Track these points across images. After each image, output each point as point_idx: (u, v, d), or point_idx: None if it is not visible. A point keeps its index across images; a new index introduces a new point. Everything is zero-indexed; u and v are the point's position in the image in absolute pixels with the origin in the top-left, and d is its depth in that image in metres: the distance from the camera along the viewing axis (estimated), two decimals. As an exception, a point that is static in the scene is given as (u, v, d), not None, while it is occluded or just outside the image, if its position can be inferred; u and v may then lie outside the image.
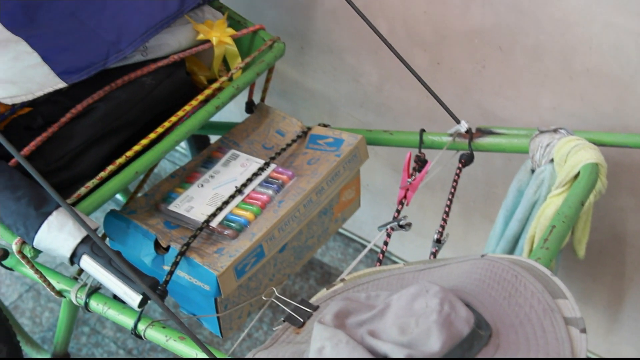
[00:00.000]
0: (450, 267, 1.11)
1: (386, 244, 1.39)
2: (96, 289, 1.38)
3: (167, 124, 1.45)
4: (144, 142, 1.41)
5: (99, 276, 1.20)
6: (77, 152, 1.39)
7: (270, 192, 1.46)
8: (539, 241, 1.23)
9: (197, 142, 2.17)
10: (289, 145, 1.58)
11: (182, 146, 2.52)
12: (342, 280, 1.19)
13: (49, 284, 1.40)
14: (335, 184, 1.51)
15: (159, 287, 1.23)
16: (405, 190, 1.46)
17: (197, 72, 1.65)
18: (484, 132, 1.54)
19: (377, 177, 2.12)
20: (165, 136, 1.44)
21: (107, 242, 1.46)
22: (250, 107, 1.72)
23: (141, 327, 1.29)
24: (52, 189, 1.17)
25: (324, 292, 1.18)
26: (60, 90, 1.36)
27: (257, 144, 1.62)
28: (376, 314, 0.96)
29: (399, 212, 1.45)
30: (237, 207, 1.43)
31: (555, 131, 1.44)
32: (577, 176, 1.36)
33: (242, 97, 1.68)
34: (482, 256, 1.08)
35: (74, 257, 1.22)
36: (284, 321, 1.13)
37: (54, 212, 1.22)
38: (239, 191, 1.46)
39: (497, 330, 0.94)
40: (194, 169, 1.55)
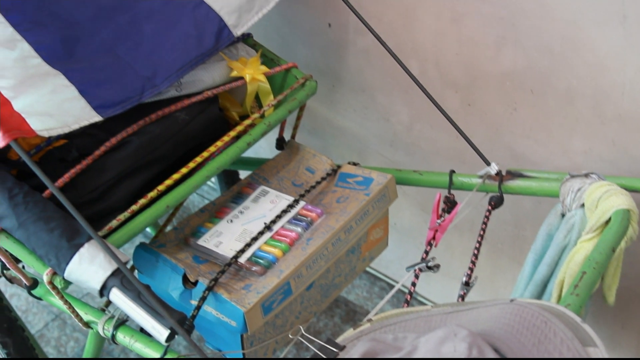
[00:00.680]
0: (478, 310, 1.10)
1: (414, 285, 1.38)
2: (123, 322, 1.38)
3: (198, 159, 1.46)
4: (176, 176, 1.42)
5: (128, 309, 1.21)
6: (110, 184, 1.41)
7: (299, 229, 1.46)
8: (569, 287, 1.22)
9: (227, 176, 2.19)
10: (318, 182, 1.59)
11: (211, 180, 2.53)
12: (369, 320, 1.18)
13: (76, 315, 1.40)
14: (363, 222, 1.51)
15: (187, 322, 1.23)
16: (434, 231, 1.46)
17: (230, 108, 1.67)
18: (514, 174, 1.53)
19: (405, 216, 2.12)
20: (196, 171, 1.45)
21: (136, 274, 1.47)
22: (280, 143, 1.73)
23: (167, 361, 1.30)
24: (84, 221, 1.19)
25: (350, 332, 1.17)
26: (95, 123, 1.38)
27: (287, 181, 1.63)
28: (403, 356, 0.95)
29: (427, 253, 1.44)
30: (266, 243, 1.44)
31: (586, 176, 1.43)
32: (608, 222, 1.35)
33: (272, 134, 1.69)
34: (511, 301, 1.07)
35: (104, 290, 1.22)
36: (310, 360, 1.13)
37: (86, 244, 1.23)
38: (268, 228, 1.47)
39: (526, 377, 0.93)
40: (224, 204, 1.56)
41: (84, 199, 1.38)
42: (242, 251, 1.41)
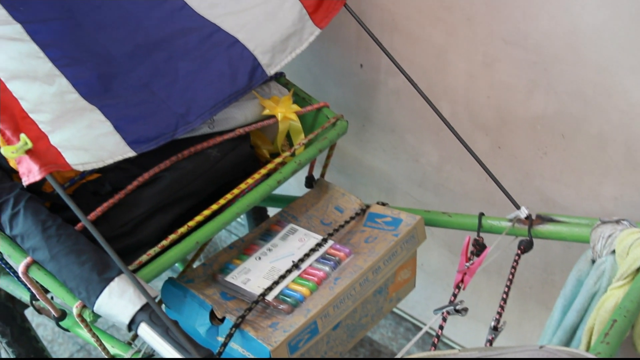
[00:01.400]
0: (506, 356, 1.09)
1: (441, 328, 1.37)
2: (150, 356, 1.39)
3: (229, 196, 1.47)
4: (206, 212, 1.43)
5: (155, 344, 1.21)
6: (141, 219, 1.42)
7: (326, 268, 1.46)
8: (599, 335, 1.20)
9: (255, 212, 2.20)
10: (347, 222, 1.59)
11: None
12: (396, 363, 1.18)
13: (103, 348, 1.41)
14: (392, 263, 1.51)
15: (213, 358, 1.23)
16: (462, 274, 1.45)
17: (261, 146, 1.68)
18: (544, 219, 1.53)
19: (433, 257, 2.11)
20: (226, 208, 1.46)
21: (163, 308, 1.48)
22: (310, 182, 1.74)
23: (192, 397, 1.30)
24: (115, 256, 1.20)
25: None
26: (128, 158, 1.39)
27: (316, 219, 1.64)
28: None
29: (455, 296, 1.43)
30: (294, 282, 1.44)
31: (617, 222, 1.42)
32: (639, 269, 1.33)
33: (302, 171, 1.70)
34: (540, 347, 1.06)
35: (132, 324, 1.23)
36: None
37: (116, 279, 1.24)
38: (296, 266, 1.47)
39: None
40: (253, 241, 1.57)
41: (115, 232, 1.39)
42: (270, 289, 1.42)
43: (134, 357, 1.38)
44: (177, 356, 1.18)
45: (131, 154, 1.36)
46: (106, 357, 1.43)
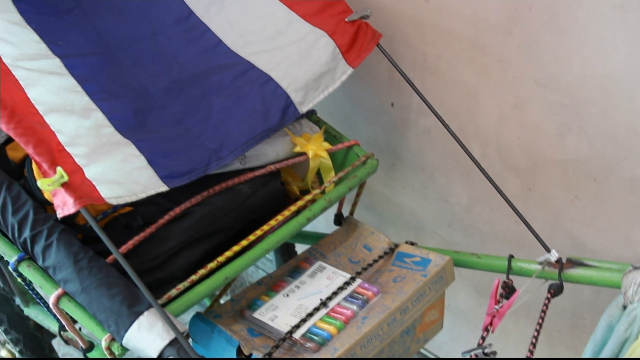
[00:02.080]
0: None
1: (469, 370, 1.36)
2: (176, 391, 1.39)
3: (259, 232, 1.48)
4: (236, 248, 1.44)
5: (183, 379, 1.21)
6: (171, 253, 1.43)
7: (354, 307, 1.46)
8: (631, 383, 1.18)
9: (283, 248, 2.20)
10: (375, 261, 1.59)
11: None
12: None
13: (130, 381, 1.41)
14: (420, 304, 1.50)
15: (239, 395, 1.23)
16: (491, 317, 1.44)
17: (291, 183, 1.69)
18: (574, 263, 1.51)
19: (460, 298, 2.10)
20: (256, 244, 1.47)
21: (191, 343, 1.48)
22: (339, 219, 1.74)
23: None
24: (146, 290, 1.21)
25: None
26: (160, 192, 1.41)
27: (344, 257, 1.64)
28: None
29: (483, 339, 1.42)
30: (321, 320, 1.44)
31: (650, 268, 1.40)
32: (672, 317, 1.31)
33: (331, 208, 1.71)
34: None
35: (160, 358, 1.23)
36: None
37: (145, 312, 1.25)
38: (324, 304, 1.47)
39: None
40: (281, 278, 1.57)
41: (145, 266, 1.40)
42: (297, 326, 1.42)
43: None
44: (204, 392, 1.18)
45: (164, 188, 1.37)
46: (132, 390, 1.44)
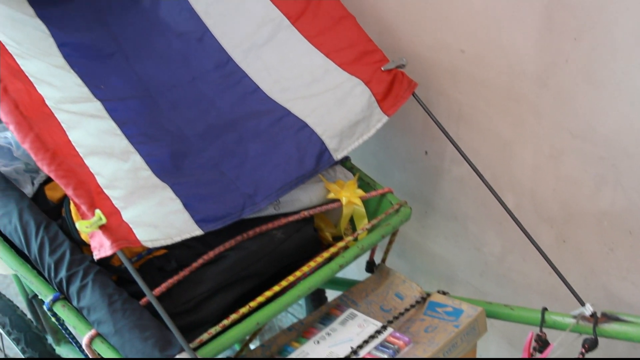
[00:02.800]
0: None
1: None
2: None
3: (291, 278, 1.48)
4: (268, 294, 1.44)
5: None
6: (204, 297, 1.44)
7: (385, 356, 1.45)
8: None
9: (314, 293, 2.19)
10: (407, 310, 1.58)
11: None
12: None
13: None
14: (451, 355, 1.49)
15: None
16: (524, 370, 1.42)
17: (324, 229, 1.69)
18: (609, 317, 1.49)
19: (491, 349, 2.07)
20: (288, 290, 1.47)
21: (219, 388, 1.48)
22: (371, 266, 1.74)
23: None
24: (179, 333, 1.21)
25: None
26: (195, 236, 1.42)
27: (376, 305, 1.63)
28: None
29: (516, 392, 1.40)
30: (352, 368, 1.43)
31: (687, 325, 1.38)
32: None
33: (363, 255, 1.71)
34: None
35: (190, 402, 1.23)
36: None
37: (177, 356, 1.25)
38: (355, 352, 1.46)
39: None
40: (312, 324, 1.57)
41: (178, 309, 1.40)
42: (328, 374, 1.41)
43: None
44: None
45: (198, 232, 1.38)
46: None
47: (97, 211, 1.24)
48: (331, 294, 1.71)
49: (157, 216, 1.35)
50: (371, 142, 1.76)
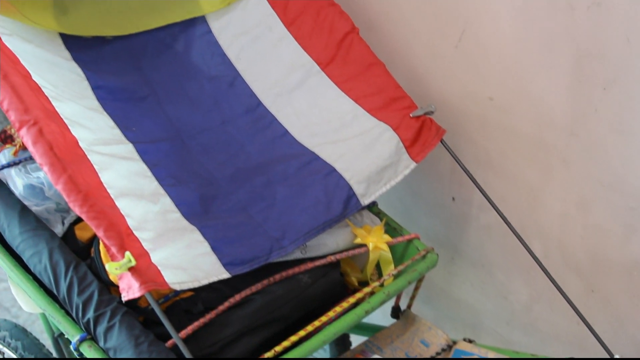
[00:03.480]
0: None
1: None
2: None
3: (317, 323, 1.47)
4: (293, 338, 1.44)
5: None
6: (230, 340, 1.43)
7: (410, 405, 1.44)
8: None
9: (338, 337, 2.18)
10: (433, 358, 1.57)
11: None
12: None
13: None
14: (477, 405, 1.47)
15: None
16: (552, 422, 1.40)
17: (350, 273, 1.69)
18: (639, 370, 1.47)
19: (517, 399, 2.04)
20: (314, 335, 1.46)
21: None
22: (396, 312, 1.73)
23: None
24: (205, 378, 1.21)
25: None
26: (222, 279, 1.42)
27: (401, 352, 1.62)
28: None
29: None
30: (376, 416, 1.42)
31: None
32: None
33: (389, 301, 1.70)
34: None
35: None
36: None
37: (202, 399, 1.25)
38: (380, 400, 1.45)
39: None
40: (336, 370, 1.56)
41: (203, 352, 1.40)
42: (352, 422, 1.40)
43: None
44: None
45: (226, 275, 1.38)
46: None
47: (127, 253, 1.25)
48: (356, 339, 1.70)
49: (185, 259, 1.36)
50: (398, 187, 1.77)
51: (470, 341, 1.62)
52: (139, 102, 1.67)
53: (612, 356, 1.49)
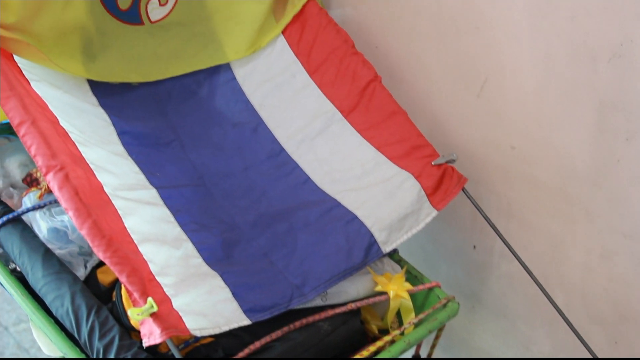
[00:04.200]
0: None
1: None
2: None
3: (337, 372, 1.47)
4: (313, 387, 1.43)
5: None
6: (249, 387, 1.43)
7: None
8: None
9: (357, 386, 2.17)
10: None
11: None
12: None
13: None
14: None
15: None
16: None
17: (370, 321, 1.68)
18: None
19: None
20: (333, 384, 1.46)
21: None
22: (416, 361, 1.72)
23: None
24: None
25: None
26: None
27: (421, 402, 1.60)
28: None
29: None
30: None
31: None
32: None
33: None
34: None
35: None
36: None
37: None
38: None
39: None
40: (356, 420, 1.54)
41: (223, 398, 1.40)
42: None
43: None
44: None
45: (246, 322, 1.38)
46: None
47: (150, 299, 1.25)
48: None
49: (207, 305, 1.36)
50: (419, 235, 1.76)
51: (491, 392, 1.60)
52: (163, 147, 1.69)
53: (636, 410, 1.47)
